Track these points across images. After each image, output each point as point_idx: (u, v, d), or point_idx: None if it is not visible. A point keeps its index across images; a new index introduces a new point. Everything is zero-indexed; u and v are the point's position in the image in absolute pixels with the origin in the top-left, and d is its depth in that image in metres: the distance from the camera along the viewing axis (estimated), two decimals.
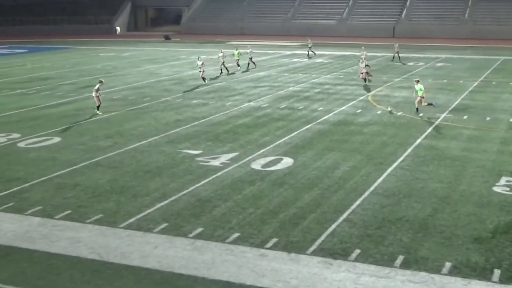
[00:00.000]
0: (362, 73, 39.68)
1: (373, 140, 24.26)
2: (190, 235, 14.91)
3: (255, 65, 49.76)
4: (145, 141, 24.48)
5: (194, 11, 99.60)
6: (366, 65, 40.50)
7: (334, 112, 30.05)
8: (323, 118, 28.62)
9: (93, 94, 30.34)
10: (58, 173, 20.32)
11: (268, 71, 47.16)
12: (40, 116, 30.20)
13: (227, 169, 20.40)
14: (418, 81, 29.47)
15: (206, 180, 19.23)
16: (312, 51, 58.63)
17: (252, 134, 25.54)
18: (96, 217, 16.18)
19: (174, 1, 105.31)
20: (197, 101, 33.72)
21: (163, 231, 15.19)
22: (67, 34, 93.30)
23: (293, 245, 14.26)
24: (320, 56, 58.52)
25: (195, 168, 20.67)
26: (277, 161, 21.43)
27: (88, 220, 15.99)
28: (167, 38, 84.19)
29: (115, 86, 39.69)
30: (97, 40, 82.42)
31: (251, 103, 32.67)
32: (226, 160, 21.47)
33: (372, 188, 18.25)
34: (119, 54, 63.55)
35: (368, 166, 20.61)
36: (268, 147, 23.31)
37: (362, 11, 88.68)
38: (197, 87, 38.96)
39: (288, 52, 62.77)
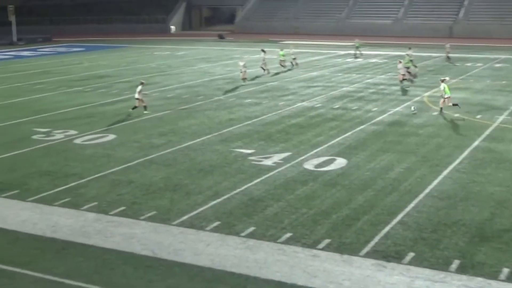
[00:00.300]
0: (403, 74, 38.94)
1: (428, 142, 23.84)
2: (242, 234, 14.92)
3: (297, 65, 49.49)
4: (198, 140, 24.63)
5: (248, 10, 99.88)
6: (406, 67, 39.78)
7: (389, 113, 29.66)
8: (377, 119, 28.28)
9: (136, 95, 30.43)
10: (113, 169, 20.63)
11: (322, 71, 46.90)
12: (96, 113, 30.74)
13: (279, 169, 20.34)
14: (443, 80, 29.24)
15: (258, 180, 19.21)
16: (359, 51, 58.26)
17: (305, 134, 25.42)
18: (149, 214, 16.35)
19: (229, 0, 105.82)
20: (250, 100, 33.77)
21: (215, 229, 15.23)
22: (123, 33, 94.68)
23: (346, 246, 14.11)
24: (375, 56, 57.89)
25: (248, 167, 20.68)
26: (330, 161, 21.26)
27: (142, 217, 16.17)
28: (221, 37, 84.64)
29: (169, 85, 40.06)
30: (152, 39, 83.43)
31: (304, 103, 32.51)
32: (279, 160, 21.42)
33: (427, 191, 17.92)
34: (174, 53, 64.19)
35: (423, 168, 20.25)
36: (321, 147, 23.15)
37: (418, 10, 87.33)
38: (249, 86, 39.02)
39: (342, 52, 62.28)
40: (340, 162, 21.05)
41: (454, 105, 28.90)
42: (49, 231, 15.41)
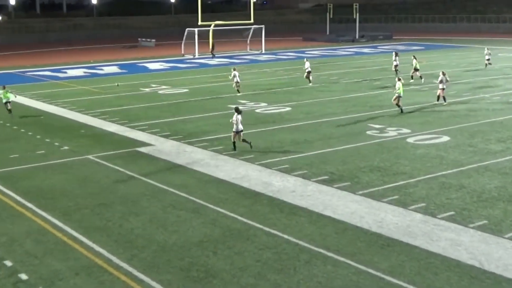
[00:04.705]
0: None
1: None
2: None
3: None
4: None
5: None
6: None
7: None
8: None
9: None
10: (444, 172, 20.06)
11: None
12: (431, 113, 30.28)
13: None
14: (400, 79, 30.39)
15: None
16: None
17: None
18: (479, 223, 15.50)
19: None
20: None
21: None
22: (466, 32, 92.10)
23: None
24: None
25: None
26: None
27: (471, 225, 15.41)
28: None
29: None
30: (497, 40, 79.58)
31: None
32: None
33: None
34: None
35: None
36: None
37: None
38: None
39: None
40: None
41: (398, 106, 30.11)
42: (375, 226, 15.56)
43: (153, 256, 14.11)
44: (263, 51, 68.74)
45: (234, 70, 38.16)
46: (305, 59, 43.31)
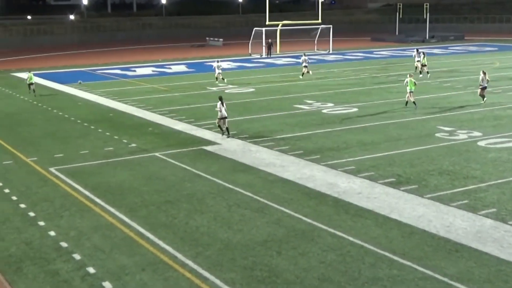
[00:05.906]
0: None
1: None
2: None
3: None
4: None
5: None
6: None
7: None
8: None
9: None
10: None
11: None
12: (503, 116, 29.40)
13: None
14: (411, 75, 31.70)
15: None
16: None
17: None
18: None
19: None
20: None
21: None
22: None
23: None
24: None
25: None
26: None
27: None
28: None
29: None
30: None
31: None
32: None
33: None
34: None
35: None
36: None
37: None
38: None
39: None
40: None
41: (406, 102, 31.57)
42: (443, 230, 15.20)
43: (218, 254, 14.18)
44: (331, 51, 68.30)
45: (218, 62, 42.82)
46: (303, 54, 48.55)
